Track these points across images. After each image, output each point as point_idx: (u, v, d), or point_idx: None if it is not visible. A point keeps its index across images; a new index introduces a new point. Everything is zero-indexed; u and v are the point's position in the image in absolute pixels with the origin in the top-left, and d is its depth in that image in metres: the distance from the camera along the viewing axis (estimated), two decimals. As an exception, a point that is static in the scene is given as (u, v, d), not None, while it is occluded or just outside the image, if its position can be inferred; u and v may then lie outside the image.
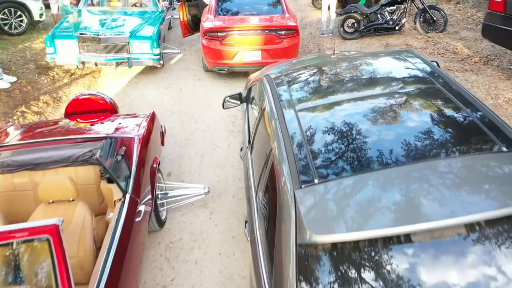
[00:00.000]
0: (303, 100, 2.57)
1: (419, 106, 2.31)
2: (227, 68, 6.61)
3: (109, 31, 6.70)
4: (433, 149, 1.90)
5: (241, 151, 3.55)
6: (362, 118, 2.21)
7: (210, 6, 7.16)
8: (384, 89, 2.52)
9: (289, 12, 6.89)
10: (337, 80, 2.87)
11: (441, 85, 2.44)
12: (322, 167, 1.89)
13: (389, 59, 3.11)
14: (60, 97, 6.44)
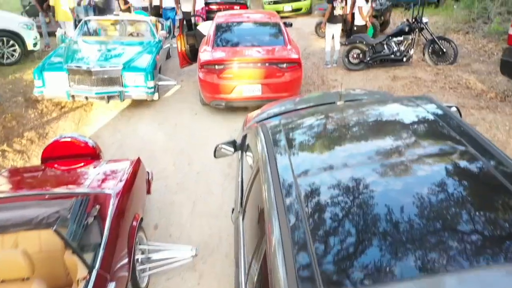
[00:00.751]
0: (305, 165, 2.11)
1: (451, 178, 1.85)
2: (225, 104, 6.21)
3: (101, 63, 6.34)
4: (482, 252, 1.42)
5: (233, 213, 3.08)
6: (384, 197, 1.74)
7: (208, 37, 6.83)
8: (403, 153, 2.05)
9: (291, 43, 6.53)
10: (345, 138, 2.42)
11: (469, 144, 1.99)
12: (330, 273, 1.41)
13: (405, 109, 2.67)
14: (46, 133, 6.04)
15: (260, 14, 7.69)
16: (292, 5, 13.92)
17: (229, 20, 7.09)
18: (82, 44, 7.24)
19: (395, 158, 2.01)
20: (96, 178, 3.39)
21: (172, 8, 11.36)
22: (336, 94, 4.56)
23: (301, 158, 2.18)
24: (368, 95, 4.32)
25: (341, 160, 2.11)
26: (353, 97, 4.24)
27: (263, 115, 4.06)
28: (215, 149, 3.41)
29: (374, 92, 4.61)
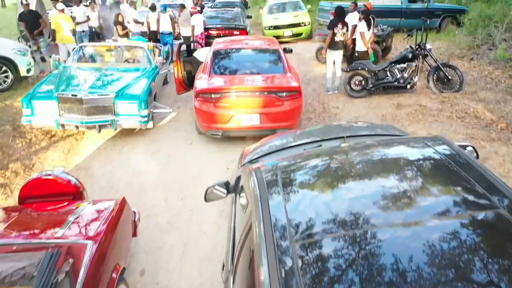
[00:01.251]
0: (304, 224, 1.79)
1: (468, 230, 1.58)
2: (222, 133, 5.92)
3: (93, 91, 6.09)
4: None
5: (223, 270, 2.73)
6: (391, 250, 1.46)
7: (205, 63, 6.60)
8: (415, 206, 1.76)
9: (290, 70, 6.29)
10: (349, 188, 2.10)
11: (486, 191, 1.77)
12: None
13: (416, 153, 2.37)
14: (33, 164, 5.73)
15: (259, 41, 7.50)
16: (292, 30, 13.83)
17: (227, 46, 6.88)
18: (75, 71, 7.01)
19: (404, 214, 1.73)
20: (74, 223, 3.06)
21: (170, 33, 11.25)
22: (338, 127, 4.27)
23: (300, 215, 1.86)
24: (373, 128, 4.02)
25: (344, 217, 1.79)
26: (356, 131, 3.94)
27: (259, 151, 3.75)
28: (206, 192, 3.09)
29: (378, 126, 4.31)
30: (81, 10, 11.13)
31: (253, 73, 6.20)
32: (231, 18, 12.54)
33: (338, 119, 7.11)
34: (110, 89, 6.27)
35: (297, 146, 3.64)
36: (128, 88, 6.42)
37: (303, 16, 14.17)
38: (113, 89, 6.25)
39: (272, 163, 2.54)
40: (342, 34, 8.02)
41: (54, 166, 5.69)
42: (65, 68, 7.13)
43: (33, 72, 8.57)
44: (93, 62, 7.71)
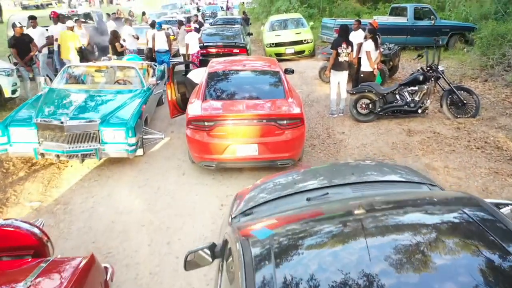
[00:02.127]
0: None
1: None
2: (216, 164, 5.37)
3: (76, 117, 5.57)
4: None
5: None
6: None
7: (199, 87, 6.08)
8: None
9: (292, 95, 5.75)
10: (364, 276, 1.53)
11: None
12: None
13: (446, 221, 1.82)
14: (7, 198, 5.17)
15: (258, 61, 7.00)
16: (294, 48, 13.38)
17: (223, 68, 6.38)
18: (60, 94, 6.51)
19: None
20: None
21: (166, 51, 10.79)
22: (346, 167, 3.70)
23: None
24: (387, 172, 3.43)
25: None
26: (367, 173, 3.35)
27: (254, 198, 3.17)
28: (186, 257, 2.50)
29: (393, 167, 3.69)
30: (57, 28, 10.10)
31: (251, 98, 5.66)
32: (231, 36, 12.11)
33: (344, 146, 6.55)
34: (95, 114, 5.75)
35: (299, 193, 3.06)
36: (116, 113, 5.90)
37: (306, 33, 13.74)
38: (99, 114, 5.73)
39: (265, 233, 1.97)
40: (347, 54, 7.52)
41: (30, 200, 5.16)
42: (50, 91, 6.62)
43: (20, 93, 8.07)
44: (81, 84, 7.22)
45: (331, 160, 6.11)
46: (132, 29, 11.25)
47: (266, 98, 5.66)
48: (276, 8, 19.02)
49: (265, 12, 21.41)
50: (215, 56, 10.89)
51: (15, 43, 7.74)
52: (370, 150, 6.29)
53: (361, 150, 6.34)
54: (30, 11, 31.66)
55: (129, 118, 5.78)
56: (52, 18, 10.16)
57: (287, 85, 5.92)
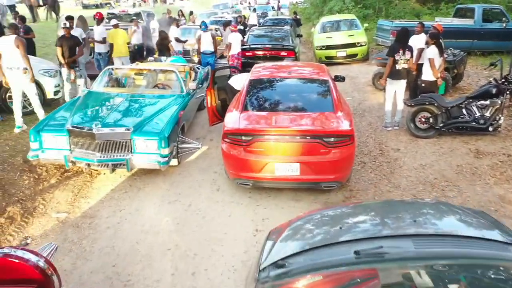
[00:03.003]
0: None
1: None
2: (252, 183, 4.85)
3: (108, 124, 5.27)
4: None
5: None
6: None
7: (239, 95, 5.59)
8: None
9: (341, 108, 5.10)
10: None
11: None
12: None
13: None
14: (35, 207, 4.96)
15: (305, 68, 6.39)
16: (346, 51, 12.57)
17: (266, 75, 5.84)
18: (96, 98, 6.29)
19: None
20: None
21: (212, 53, 10.43)
22: (402, 206, 3.02)
23: None
24: (457, 220, 2.71)
25: None
26: (431, 221, 2.65)
27: (289, 244, 2.61)
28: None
29: (464, 212, 2.87)
30: (98, 30, 9.97)
31: (295, 109, 5.08)
32: (279, 38, 11.55)
33: (399, 166, 5.79)
34: (129, 121, 5.43)
35: (345, 242, 2.46)
36: (150, 120, 5.55)
37: (359, 35, 12.89)
38: (132, 121, 5.41)
39: None
40: (405, 61, 6.72)
41: (58, 211, 4.91)
42: (88, 94, 6.43)
43: (62, 94, 8.00)
44: (119, 87, 6.98)
45: (383, 182, 5.39)
46: (178, 31, 11.01)
47: (312, 110, 5.05)
48: (329, 9, 18.19)
49: (317, 13, 20.62)
50: (262, 58, 10.41)
51: (62, 43, 7.64)
52: (430, 173, 5.50)
53: (419, 172, 5.56)
54: (90, 10, 32.98)
55: (164, 126, 5.41)
56: (96, 19, 10.03)
57: (336, 96, 5.27)
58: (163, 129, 5.34)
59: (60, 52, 7.66)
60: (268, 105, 5.25)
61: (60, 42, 7.76)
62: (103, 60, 9.89)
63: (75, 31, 8.86)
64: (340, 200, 4.99)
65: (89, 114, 5.65)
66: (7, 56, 6.40)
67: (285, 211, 4.77)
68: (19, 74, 6.47)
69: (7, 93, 7.21)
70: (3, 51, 6.38)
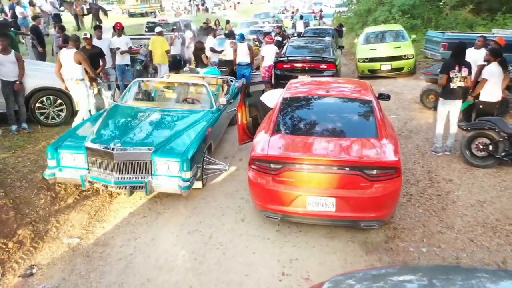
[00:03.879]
0: None
1: None
2: (281, 217, 4.28)
3: (129, 143, 4.89)
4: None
5: None
6: None
7: (270, 114, 5.07)
8: None
9: (386, 133, 4.45)
10: None
11: None
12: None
13: None
14: (47, 231, 4.63)
15: (346, 85, 5.75)
16: (391, 64, 11.76)
17: (302, 92, 5.28)
18: (121, 112, 5.97)
19: None
20: None
21: (248, 64, 9.99)
22: (456, 272, 2.35)
23: None
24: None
25: None
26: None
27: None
28: None
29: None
30: (123, 40, 9.49)
31: (332, 134, 4.48)
32: (319, 49, 10.93)
33: (452, 201, 5.03)
34: (151, 140, 5.04)
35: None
36: (174, 139, 5.13)
37: (406, 47, 12.03)
38: (154, 140, 5.01)
39: None
40: (462, 78, 5.94)
41: (70, 236, 4.56)
42: (113, 108, 6.13)
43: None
44: (147, 101, 6.64)
45: (433, 221, 4.65)
46: (214, 41, 10.67)
47: (352, 136, 4.42)
48: (374, 19, 17.35)
49: (360, 23, 19.80)
50: (300, 71, 9.83)
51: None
52: (490, 212, 4.71)
53: (477, 210, 4.77)
54: (136, 19, 33.78)
55: (188, 146, 4.96)
56: (117, 30, 9.65)
57: (380, 119, 4.62)
58: (186, 150, 4.89)
59: None
60: (302, 128, 4.67)
61: None
62: (128, 72, 9.61)
63: (104, 41, 8.69)
64: (381, 240, 4.32)
65: (110, 131, 5.32)
66: (67, 68, 6.60)
67: (316, 251, 4.17)
68: (73, 85, 6.67)
69: (36, 103, 7.07)
70: (64, 63, 6.57)
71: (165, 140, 5.06)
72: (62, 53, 6.66)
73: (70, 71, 6.63)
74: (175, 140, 5.15)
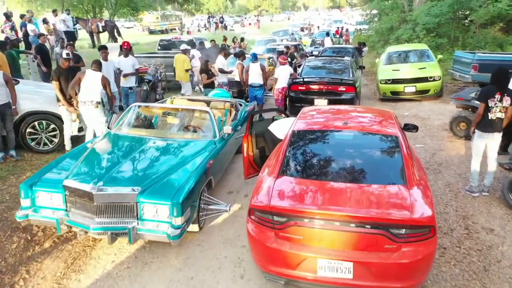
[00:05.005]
0: None
1: None
2: (285, 281, 3.50)
3: (112, 181, 4.23)
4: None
5: None
6: None
7: (278, 149, 4.34)
8: None
9: (417, 179, 3.65)
10: None
11: None
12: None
13: None
14: (14, 283, 3.97)
15: (366, 115, 4.95)
16: (416, 86, 10.91)
17: (315, 125, 4.53)
18: (111, 142, 5.35)
19: None
20: None
21: (260, 86, 9.33)
22: None
23: None
24: None
25: None
26: None
27: None
28: None
29: None
30: (129, 62, 8.91)
31: (350, 179, 3.70)
32: (338, 70, 10.20)
33: (495, 259, 4.16)
34: (140, 177, 4.38)
35: None
36: (166, 177, 4.45)
37: (432, 68, 11.18)
38: (143, 178, 4.34)
39: None
40: (502, 109, 5.11)
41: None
42: (104, 137, 5.52)
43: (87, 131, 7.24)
44: (144, 128, 6.00)
45: (473, 285, 3.79)
46: (224, 61, 10.08)
47: (374, 181, 3.64)
48: (396, 37, 16.52)
49: (381, 41, 19.01)
50: (316, 94, 9.12)
51: (58, 76, 6.45)
52: (546, 279, 3.82)
53: (529, 274, 3.89)
54: (156, 36, 33.84)
55: (181, 186, 4.27)
56: (124, 50, 9.10)
57: (409, 158, 3.83)
58: (179, 190, 4.19)
59: (57, 86, 6.46)
60: (314, 170, 3.91)
61: (56, 75, 6.47)
62: (132, 94, 9.03)
63: (109, 63, 8.18)
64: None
65: (96, 166, 4.68)
66: (87, 90, 6.30)
67: (329, 326, 3.36)
68: (92, 109, 6.33)
69: (27, 128, 6.52)
70: (86, 84, 6.29)
71: (156, 178, 4.39)
72: (88, 74, 6.34)
73: (91, 94, 6.28)
74: (169, 177, 4.46)
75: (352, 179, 3.68)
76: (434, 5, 15.75)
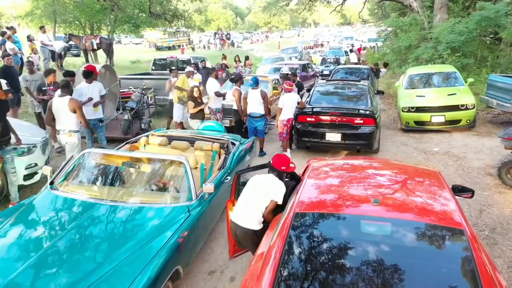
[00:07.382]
0: None
1: None
2: None
3: (27, 280, 2.71)
4: None
5: None
6: None
7: (271, 247, 2.76)
8: None
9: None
10: None
11: None
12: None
13: None
14: None
15: (406, 182, 3.37)
16: (445, 115, 9.28)
17: (327, 206, 2.95)
18: (43, 210, 3.85)
19: None
20: None
21: (261, 116, 7.83)
22: None
23: None
24: None
25: None
26: None
27: None
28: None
29: None
30: (95, 89, 7.00)
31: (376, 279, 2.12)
32: (353, 97, 8.66)
33: None
34: (69, 273, 2.86)
35: None
36: (111, 271, 2.94)
37: (464, 94, 9.56)
38: (75, 274, 2.83)
39: None
40: None
41: None
42: (38, 199, 4.03)
43: (40, 177, 5.76)
44: (94, 186, 4.44)
45: None
46: (216, 83, 8.61)
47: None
48: (415, 57, 14.94)
49: (398, 60, 17.44)
50: (328, 126, 7.59)
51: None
52: None
53: None
54: (163, 52, 32.82)
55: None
56: (85, 72, 7.08)
57: (483, 265, 2.24)
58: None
59: None
60: (323, 277, 2.34)
61: None
62: (101, 128, 7.16)
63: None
64: None
65: (11, 251, 3.16)
66: (58, 119, 5.85)
67: None
68: (66, 138, 5.85)
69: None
70: (55, 113, 5.81)
71: (92, 274, 2.86)
72: (54, 101, 5.83)
73: (63, 122, 5.82)
74: (112, 272, 2.94)
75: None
76: (458, 22, 14.20)
